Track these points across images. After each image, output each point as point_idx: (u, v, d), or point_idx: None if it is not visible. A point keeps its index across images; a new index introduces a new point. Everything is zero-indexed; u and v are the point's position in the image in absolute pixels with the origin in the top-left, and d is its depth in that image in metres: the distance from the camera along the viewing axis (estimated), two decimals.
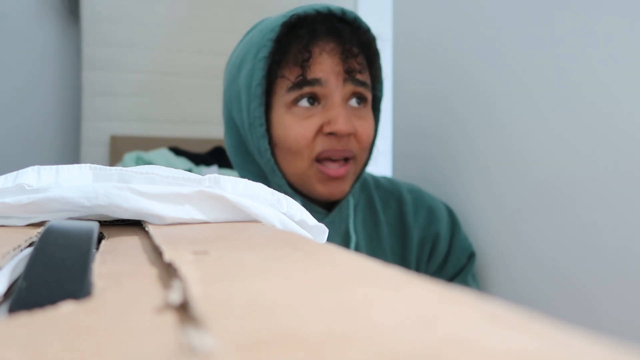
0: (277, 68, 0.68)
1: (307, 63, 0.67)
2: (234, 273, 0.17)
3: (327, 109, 0.68)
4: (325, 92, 0.68)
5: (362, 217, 0.77)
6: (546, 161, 0.71)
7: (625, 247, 0.62)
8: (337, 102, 0.68)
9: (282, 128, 0.68)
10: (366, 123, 0.71)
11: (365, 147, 0.72)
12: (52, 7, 1.81)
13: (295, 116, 0.68)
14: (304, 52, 0.67)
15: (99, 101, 1.70)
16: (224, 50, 1.85)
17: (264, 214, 0.32)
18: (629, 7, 0.61)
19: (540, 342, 0.11)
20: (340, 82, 0.68)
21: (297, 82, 0.67)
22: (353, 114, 0.70)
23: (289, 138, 0.68)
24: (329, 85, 0.67)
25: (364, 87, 0.70)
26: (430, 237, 0.78)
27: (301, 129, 0.67)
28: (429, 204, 0.80)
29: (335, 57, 0.68)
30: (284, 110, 0.68)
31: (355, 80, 0.69)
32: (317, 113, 0.68)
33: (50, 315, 0.13)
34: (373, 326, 0.12)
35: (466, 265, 0.80)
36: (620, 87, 0.62)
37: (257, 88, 0.67)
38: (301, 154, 0.68)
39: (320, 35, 0.67)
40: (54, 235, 0.21)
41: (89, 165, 0.33)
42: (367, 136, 0.71)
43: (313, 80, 0.67)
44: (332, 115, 0.67)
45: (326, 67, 0.67)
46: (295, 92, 0.67)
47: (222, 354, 0.10)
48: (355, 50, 0.68)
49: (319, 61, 0.67)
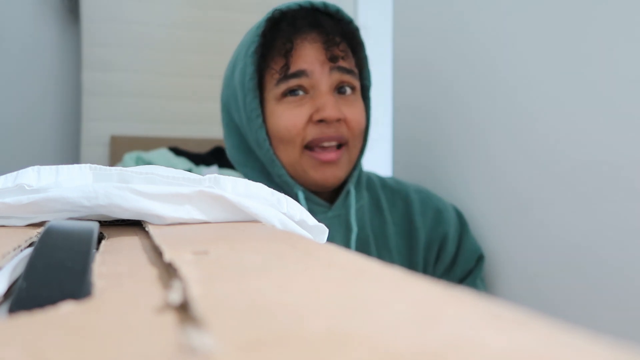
0: (264, 61, 0.71)
1: (290, 53, 0.69)
2: (234, 273, 0.17)
3: (315, 97, 0.70)
4: (312, 82, 0.70)
5: (369, 217, 0.77)
6: (553, 160, 0.71)
7: (630, 250, 0.61)
8: (325, 90, 0.70)
9: (274, 118, 0.71)
10: (355, 109, 0.73)
11: (357, 134, 0.73)
12: (52, 7, 1.81)
13: (286, 106, 0.71)
14: (287, 43, 0.70)
15: (99, 101, 1.70)
16: (224, 50, 1.84)
17: (264, 214, 0.32)
18: (614, 25, 0.61)
19: (540, 342, 0.11)
20: (327, 70, 0.70)
21: (282, 73, 0.70)
22: (342, 101, 0.72)
23: (280, 127, 0.70)
24: (315, 76, 0.70)
25: (350, 75, 0.72)
26: (437, 239, 0.78)
27: (292, 118, 0.70)
28: (436, 205, 0.80)
29: (317, 45, 0.71)
30: (275, 102, 0.71)
31: (341, 68, 0.71)
32: (306, 102, 0.71)
33: (50, 315, 0.13)
34: (373, 326, 0.12)
35: (475, 268, 0.79)
36: (629, 81, 0.62)
37: (250, 82, 0.70)
38: (293, 142, 0.70)
39: (303, 27, 0.71)
40: (54, 235, 0.21)
41: (89, 166, 0.33)
42: (358, 122, 0.73)
43: (298, 72, 0.70)
44: (320, 103, 0.70)
45: (309, 58, 0.70)
46: (283, 85, 0.70)
47: (222, 354, 0.10)
48: (337, 39, 0.71)
49: (302, 52, 0.70)
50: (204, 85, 1.78)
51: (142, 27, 1.75)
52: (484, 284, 0.80)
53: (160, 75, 1.76)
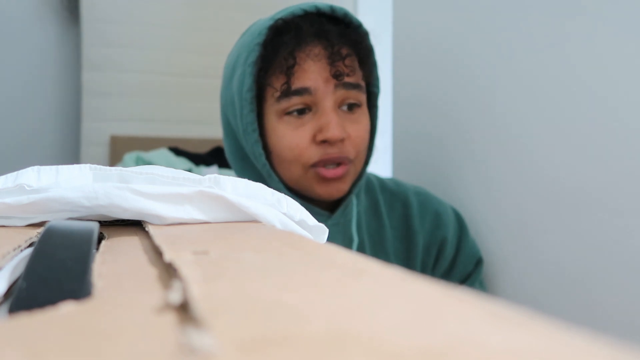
0: (264, 75, 0.67)
1: (292, 70, 0.66)
2: (234, 273, 0.17)
3: (318, 116, 0.67)
4: (315, 100, 0.67)
5: (366, 220, 0.76)
6: (551, 164, 0.71)
7: (634, 250, 0.61)
8: (328, 108, 0.67)
9: (275, 137, 0.68)
10: (360, 126, 0.70)
11: (361, 150, 0.71)
12: (52, 7, 1.81)
13: (288, 125, 0.67)
14: (289, 58, 0.66)
15: (99, 101, 1.70)
16: (223, 50, 1.84)
17: (264, 214, 0.32)
18: (632, 10, 0.61)
19: (540, 342, 0.11)
20: (331, 88, 0.67)
21: (283, 90, 0.66)
22: (346, 118, 0.69)
23: (283, 147, 0.68)
24: (318, 93, 0.66)
25: (356, 90, 0.69)
26: (436, 242, 0.77)
27: (295, 138, 0.67)
28: (435, 208, 0.79)
29: (322, 61, 0.66)
30: (275, 119, 0.68)
31: (346, 84, 0.67)
32: (308, 121, 0.67)
33: (50, 315, 0.13)
34: (373, 326, 0.12)
35: (473, 272, 0.79)
36: (623, 89, 0.62)
37: (248, 94, 0.66)
38: (296, 161, 0.68)
39: (307, 39, 0.66)
40: (54, 235, 0.21)
41: (89, 166, 0.33)
42: (362, 139, 0.70)
43: (301, 90, 0.66)
44: (323, 122, 0.66)
45: (313, 75, 0.66)
46: (284, 103, 0.67)
47: (222, 354, 0.10)
48: (343, 51, 0.67)
49: (305, 68, 0.66)
50: (204, 85, 1.78)
51: (142, 27, 1.75)
52: (484, 287, 0.80)
53: (160, 75, 1.76)
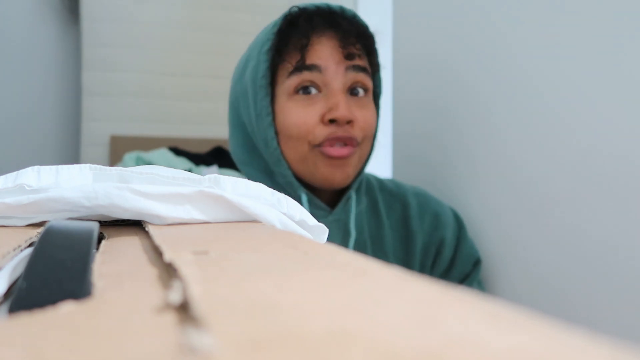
0: (279, 56, 0.70)
1: (306, 49, 0.69)
2: (234, 273, 0.17)
3: (327, 97, 0.69)
4: (325, 80, 0.69)
5: (366, 220, 0.77)
6: (549, 165, 0.71)
7: (633, 250, 0.62)
8: (338, 89, 0.69)
9: (283, 115, 0.70)
10: (367, 112, 0.72)
11: (368, 135, 0.72)
12: (52, 7, 1.81)
13: (297, 103, 0.69)
14: (303, 39, 0.69)
15: (99, 101, 1.70)
16: (224, 50, 1.85)
17: (264, 214, 0.32)
18: (624, 19, 0.61)
19: (540, 342, 0.11)
20: (342, 70, 0.69)
21: (297, 66, 0.69)
22: (354, 102, 0.71)
23: (290, 124, 0.69)
24: (328, 73, 0.69)
25: (364, 74, 0.71)
26: (434, 243, 0.78)
27: (303, 116, 0.69)
28: (434, 208, 0.79)
29: (334, 43, 0.70)
30: (286, 98, 0.70)
31: (357, 67, 0.70)
32: (318, 101, 0.69)
33: (50, 315, 0.13)
34: (374, 326, 0.12)
35: (472, 272, 0.79)
36: (617, 91, 0.62)
37: (262, 80, 0.69)
38: (303, 139, 0.69)
39: (320, 26, 0.70)
40: (54, 235, 0.21)
41: (89, 166, 0.33)
42: (369, 124, 0.72)
43: (312, 66, 0.69)
44: (332, 103, 0.68)
45: (324, 54, 0.69)
46: (295, 78, 0.69)
47: (222, 354, 0.10)
48: (353, 39, 0.70)
49: (318, 47, 0.69)
50: (204, 85, 1.78)
51: (142, 27, 1.75)
52: (482, 287, 0.80)
53: (160, 75, 1.76)
